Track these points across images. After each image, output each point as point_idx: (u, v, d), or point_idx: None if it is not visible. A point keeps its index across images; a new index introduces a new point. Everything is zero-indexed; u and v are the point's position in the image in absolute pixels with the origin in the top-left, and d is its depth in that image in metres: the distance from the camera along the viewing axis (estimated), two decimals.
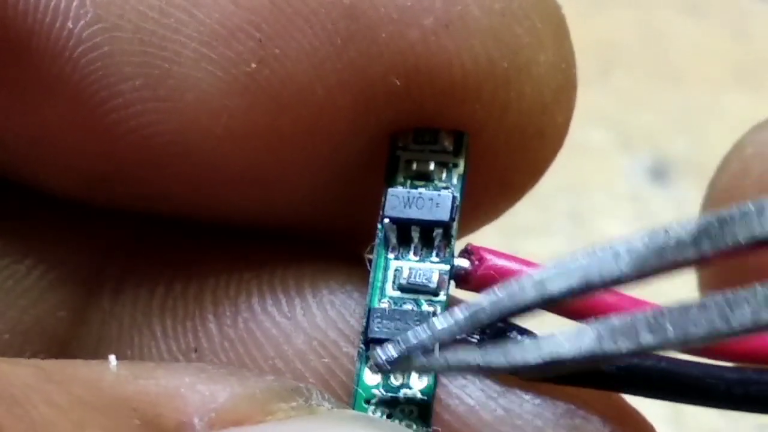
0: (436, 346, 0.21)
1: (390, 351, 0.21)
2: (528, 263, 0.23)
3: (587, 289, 0.20)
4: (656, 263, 0.19)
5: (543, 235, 0.56)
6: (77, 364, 0.20)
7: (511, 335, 0.22)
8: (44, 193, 0.26)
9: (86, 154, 0.24)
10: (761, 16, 0.65)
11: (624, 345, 0.19)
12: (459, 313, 0.21)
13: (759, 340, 0.23)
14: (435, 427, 0.22)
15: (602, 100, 0.61)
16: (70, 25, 0.22)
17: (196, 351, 0.24)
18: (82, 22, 0.22)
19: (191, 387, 0.19)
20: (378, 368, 0.21)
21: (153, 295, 0.25)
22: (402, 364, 0.21)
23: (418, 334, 0.21)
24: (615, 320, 0.20)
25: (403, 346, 0.21)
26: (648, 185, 0.59)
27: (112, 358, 0.20)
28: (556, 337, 0.20)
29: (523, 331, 0.22)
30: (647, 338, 0.19)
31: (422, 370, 0.22)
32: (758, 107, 0.62)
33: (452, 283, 0.23)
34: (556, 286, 0.20)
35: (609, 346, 0.20)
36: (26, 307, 0.25)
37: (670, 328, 0.19)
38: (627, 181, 0.59)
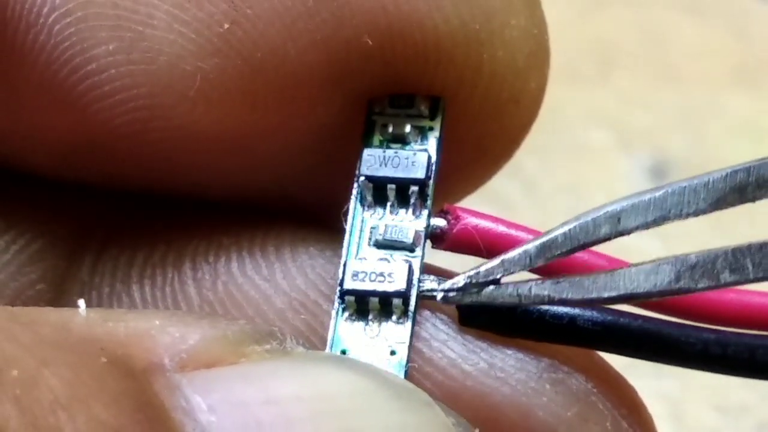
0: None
1: (458, 281, 0.21)
2: (504, 222, 0.23)
3: (661, 222, 0.20)
4: (734, 200, 0.20)
5: None
6: (46, 310, 0.20)
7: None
8: (21, 168, 0.26)
9: (62, 124, 0.24)
10: (761, 16, 0.65)
11: (703, 283, 0.20)
12: (530, 245, 0.21)
13: (741, 303, 0.22)
14: (415, 365, 0.22)
15: (602, 100, 0.61)
16: None
17: None
18: None
19: (162, 329, 0.19)
20: (446, 299, 0.22)
21: (132, 264, 0.25)
22: (471, 295, 0.21)
23: (487, 264, 0.21)
24: (693, 257, 0.20)
25: (471, 276, 0.21)
26: (648, 185, 0.59)
27: (81, 302, 0.20)
28: (631, 271, 0.20)
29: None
30: (727, 277, 0.20)
31: (491, 302, 0.22)
32: (758, 107, 0.62)
33: (428, 243, 0.23)
34: (632, 222, 0.20)
35: (687, 284, 0.20)
36: (5, 281, 0.25)
37: (750, 266, 0.19)
38: (627, 181, 0.59)
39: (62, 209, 0.26)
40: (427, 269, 0.23)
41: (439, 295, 0.22)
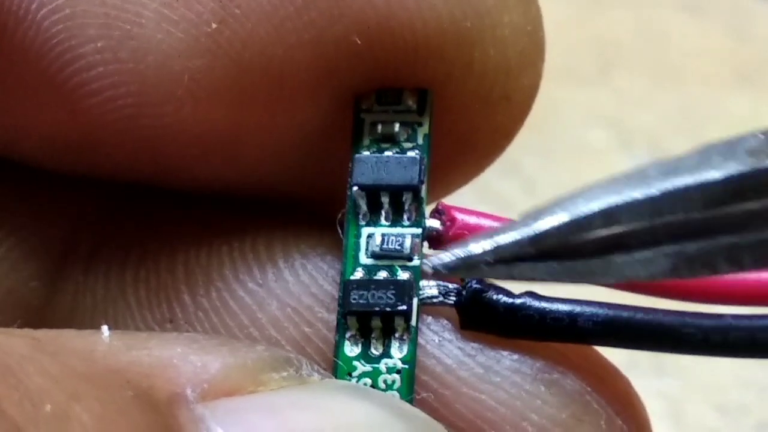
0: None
1: (449, 258, 0.21)
2: (500, 219, 0.23)
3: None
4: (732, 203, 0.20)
5: None
6: (70, 335, 0.20)
7: (488, 295, 0.23)
8: (11, 163, 0.26)
9: (50, 120, 0.24)
10: (761, 16, 0.65)
11: (702, 273, 0.20)
12: (525, 234, 0.20)
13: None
14: (421, 395, 0.22)
15: (602, 100, 0.61)
16: None
17: (171, 322, 0.24)
18: None
19: (183, 358, 0.19)
20: (435, 275, 0.21)
21: (126, 266, 0.25)
22: (463, 270, 0.21)
23: (481, 244, 0.21)
24: (689, 247, 0.20)
25: (463, 255, 0.21)
26: None
27: (104, 328, 0.20)
28: (627, 258, 0.20)
29: (500, 291, 0.23)
30: (724, 268, 0.20)
31: (482, 276, 0.22)
32: (758, 107, 0.62)
33: (426, 244, 0.23)
34: (624, 224, 0.20)
35: (685, 274, 0.20)
36: None
37: (746, 259, 0.20)
38: None
39: (54, 207, 0.26)
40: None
41: (438, 299, 0.22)
